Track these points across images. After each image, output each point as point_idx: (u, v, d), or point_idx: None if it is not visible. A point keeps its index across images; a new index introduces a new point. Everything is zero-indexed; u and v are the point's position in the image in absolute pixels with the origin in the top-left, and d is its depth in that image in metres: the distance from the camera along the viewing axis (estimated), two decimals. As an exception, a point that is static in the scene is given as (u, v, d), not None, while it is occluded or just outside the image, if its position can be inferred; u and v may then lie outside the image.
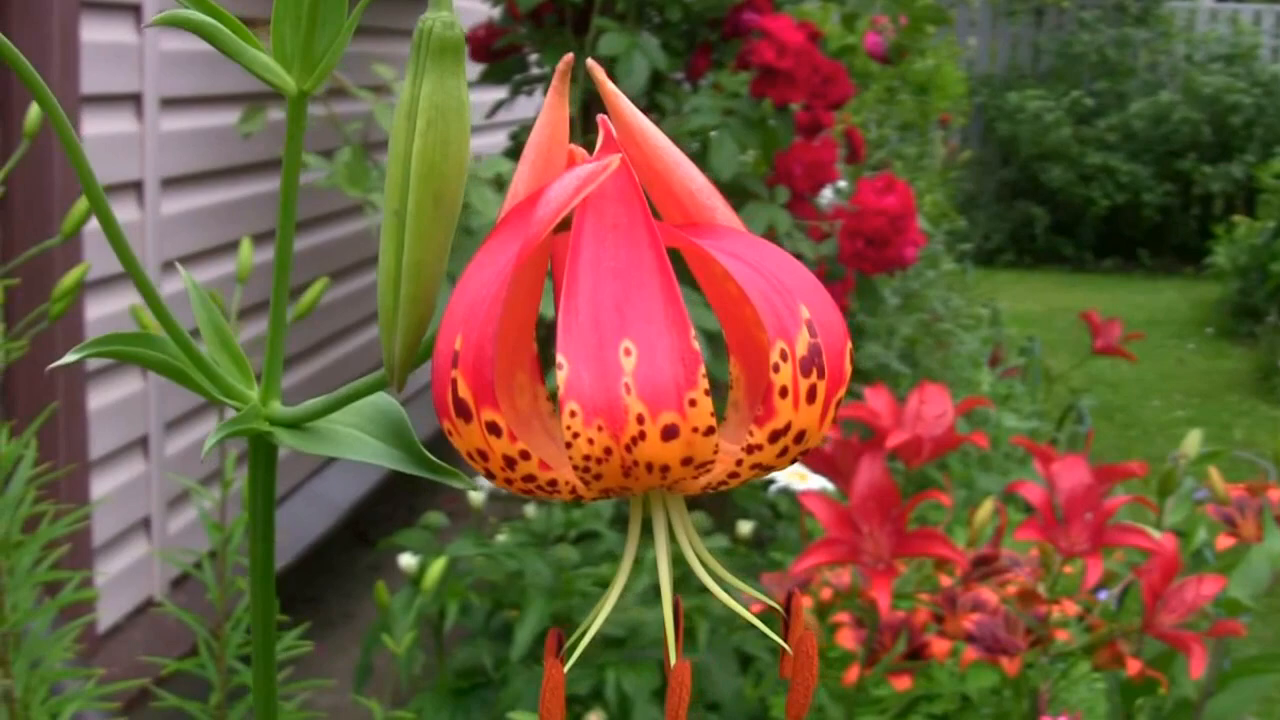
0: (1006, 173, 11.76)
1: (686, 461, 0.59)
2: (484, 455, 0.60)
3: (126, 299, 2.71)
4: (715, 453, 0.59)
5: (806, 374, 0.60)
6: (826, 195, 3.71)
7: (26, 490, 1.62)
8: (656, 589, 2.42)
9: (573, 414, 0.57)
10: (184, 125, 3.24)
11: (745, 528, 2.84)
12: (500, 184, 3.02)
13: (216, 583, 1.83)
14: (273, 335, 0.73)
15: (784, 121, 3.08)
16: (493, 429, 0.59)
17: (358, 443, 0.75)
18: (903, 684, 2.21)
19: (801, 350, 0.60)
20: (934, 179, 6.86)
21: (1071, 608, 2.15)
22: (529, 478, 0.60)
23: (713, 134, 3.05)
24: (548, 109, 0.63)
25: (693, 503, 3.05)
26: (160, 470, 3.21)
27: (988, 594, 2.15)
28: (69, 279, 1.76)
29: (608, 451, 0.58)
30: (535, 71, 3.69)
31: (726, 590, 0.64)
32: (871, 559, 2.07)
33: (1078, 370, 6.65)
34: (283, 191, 0.71)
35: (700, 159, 3.18)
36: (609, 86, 0.64)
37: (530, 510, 2.78)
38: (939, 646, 2.23)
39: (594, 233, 0.60)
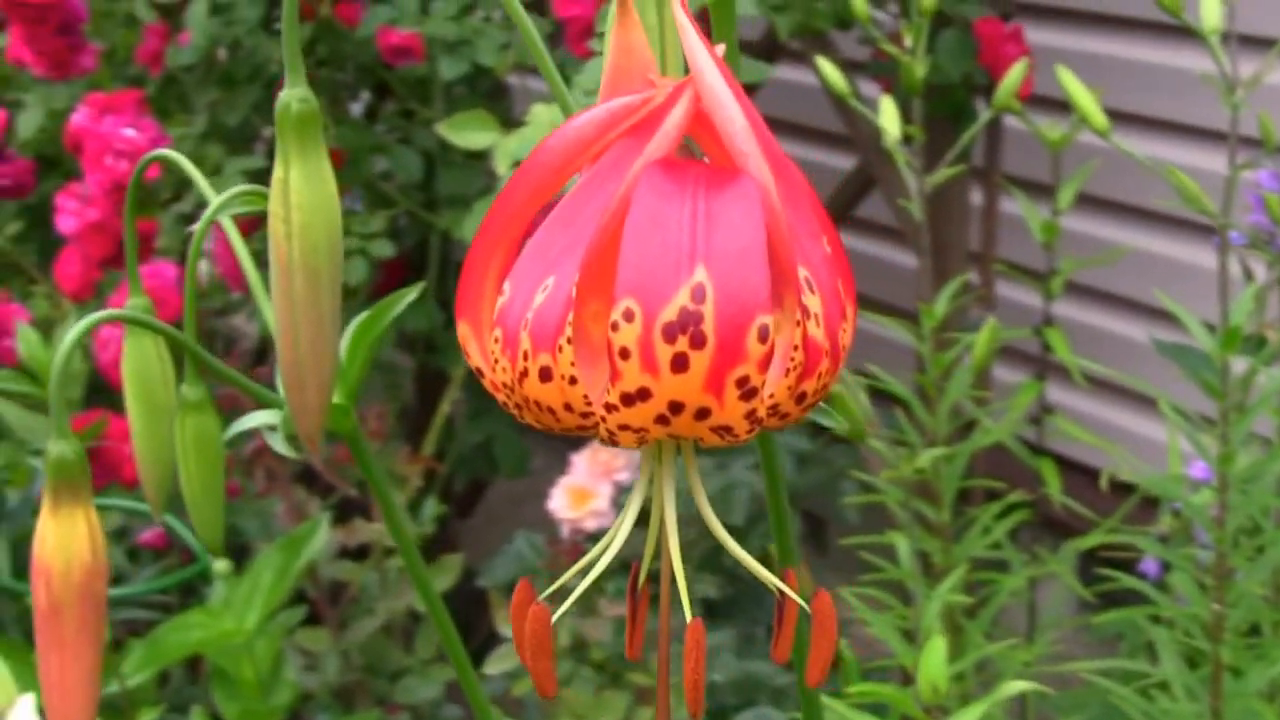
0: None
1: (568, 409, 0.58)
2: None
3: None
4: (589, 405, 0.57)
5: (670, 340, 0.54)
6: None
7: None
8: None
9: (495, 340, 0.60)
10: None
11: None
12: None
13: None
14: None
15: None
16: (463, 342, 0.63)
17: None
18: None
19: (669, 315, 0.54)
20: None
21: None
22: (491, 395, 0.63)
23: None
24: (613, 34, 0.62)
25: None
26: None
27: None
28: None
29: (509, 383, 0.59)
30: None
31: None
32: None
33: None
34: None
35: None
36: (677, 12, 0.60)
37: None
38: None
39: (645, 170, 0.59)
